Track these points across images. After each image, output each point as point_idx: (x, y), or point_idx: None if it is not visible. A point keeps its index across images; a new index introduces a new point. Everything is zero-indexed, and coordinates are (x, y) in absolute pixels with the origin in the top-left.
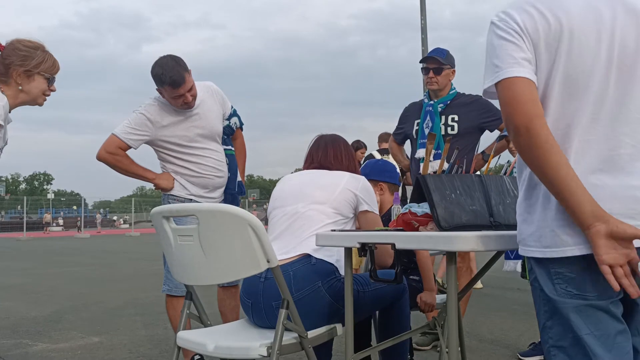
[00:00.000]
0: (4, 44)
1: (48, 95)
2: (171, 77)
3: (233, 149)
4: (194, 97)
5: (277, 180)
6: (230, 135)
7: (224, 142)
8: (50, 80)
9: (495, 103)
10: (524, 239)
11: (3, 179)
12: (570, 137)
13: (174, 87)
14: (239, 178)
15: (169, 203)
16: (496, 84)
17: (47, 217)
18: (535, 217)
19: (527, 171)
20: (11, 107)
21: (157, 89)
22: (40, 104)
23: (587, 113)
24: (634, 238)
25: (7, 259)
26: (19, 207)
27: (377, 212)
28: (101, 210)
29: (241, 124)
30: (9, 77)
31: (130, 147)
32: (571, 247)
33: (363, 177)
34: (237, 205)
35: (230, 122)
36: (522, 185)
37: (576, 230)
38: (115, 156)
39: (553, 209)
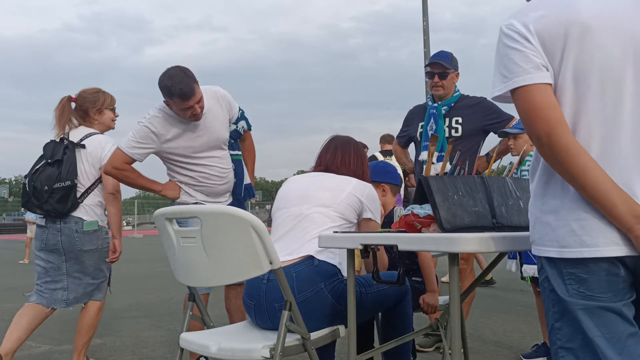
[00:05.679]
0: (74, 96)
1: (115, 120)
2: (181, 89)
3: (240, 153)
4: (202, 108)
5: (279, 182)
6: (238, 139)
7: (231, 147)
8: (113, 110)
9: (504, 107)
10: (540, 238)
11: (7, 181)
12: (589, 135)
13: (183, 99)
14: (247, 181)
15: None
16: (512, 93)
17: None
18: (552, 216)
19: (540, 168)
20: None
21: (164, 101)
22: (113, 128)
23: (607, 111)
24: None
25: (9, 260)
26: (22, 209)
27: (379, 221)
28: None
29: (249, 126)
30: (88, 117)
31: (135, 161)
32: (588, 249)
33: (370, 184)
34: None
35: (237, 126)
36: (535, 185)
37: (596, 230)
38: (122, 171)
39: (571, 208)
